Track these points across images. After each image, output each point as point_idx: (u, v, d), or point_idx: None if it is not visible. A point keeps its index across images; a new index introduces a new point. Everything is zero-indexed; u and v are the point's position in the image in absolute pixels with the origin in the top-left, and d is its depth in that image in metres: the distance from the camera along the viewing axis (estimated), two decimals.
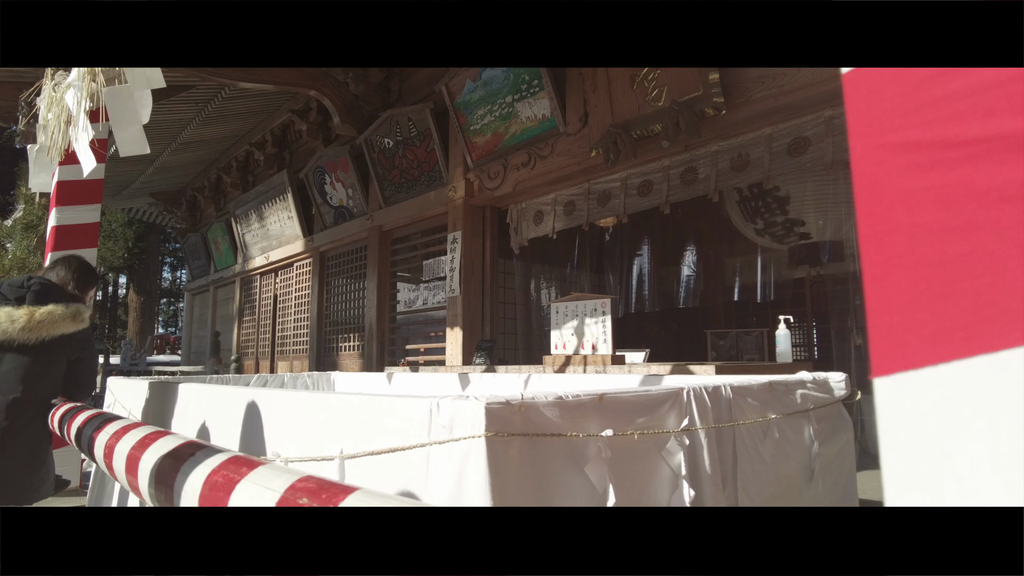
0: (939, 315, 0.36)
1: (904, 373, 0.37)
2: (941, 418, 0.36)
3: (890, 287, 0.38)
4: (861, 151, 0.39)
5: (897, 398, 0.37)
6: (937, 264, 0.35)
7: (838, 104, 3.17)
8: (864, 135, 0.39)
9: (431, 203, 5.24)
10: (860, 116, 0.40)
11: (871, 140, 0.39)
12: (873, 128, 0.39)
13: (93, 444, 1.50)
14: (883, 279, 0.38)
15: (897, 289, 0.37)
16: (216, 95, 6.14)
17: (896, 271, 0.37)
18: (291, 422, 1.58)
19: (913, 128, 0.37)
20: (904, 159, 0.37)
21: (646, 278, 6.20)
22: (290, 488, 0.69)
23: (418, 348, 5.58)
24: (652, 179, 4.08)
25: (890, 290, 0.37)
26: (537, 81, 4.21)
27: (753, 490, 1.62)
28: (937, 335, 0.36)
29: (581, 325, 3.26)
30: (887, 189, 0.38)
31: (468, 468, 1.06)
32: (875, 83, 0.39)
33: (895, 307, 0.37)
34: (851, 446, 2.04)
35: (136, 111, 2.39)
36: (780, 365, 3.18)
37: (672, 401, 1.40)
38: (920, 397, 0.36)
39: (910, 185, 0.37)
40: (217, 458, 0.90)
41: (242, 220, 8.19)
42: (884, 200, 0.38)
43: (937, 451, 0.36)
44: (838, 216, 4.64)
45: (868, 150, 0.39)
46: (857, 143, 0.40)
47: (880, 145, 0.38)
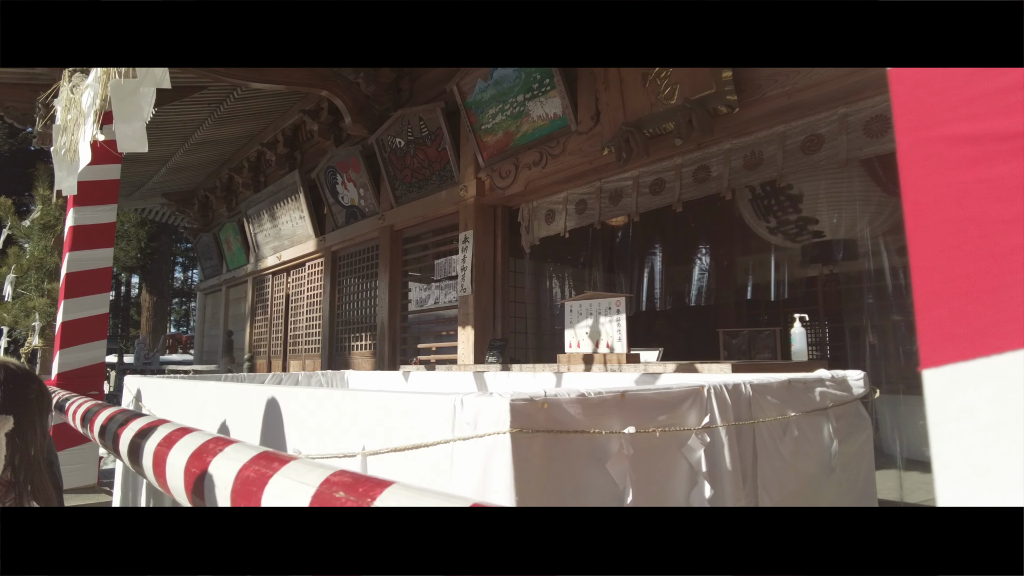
0: (991, 307, 0.36)
1: (955, 365, 0.37)
2: (993, 410, 0.36)
3: (940, 280, 0.38)
4: (909, 145, 0.39)
5: (948, 390, 0.38)
6: (989, 256, 0.36)
7: (852, 101, 3.15)
8: (912, 129, 0.39)
9: (442, 202, 5.25)
10: (908, 110, 0.40)
11: (919, 134, 0.39)
12: (922, 122, 0.39)
13: (118, 441, 1.52)
14: (932, 272, 0.38)
15: (947, 282, 0.37)
16: (228, 96, 6.18)
17: (946, 264, 0.37)
18: (311, 419, 1.60)
19: (963, 121, 0.37)
20: (954, 152, 0.37)
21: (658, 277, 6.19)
22: (325, 482, 0.70)
23: (430, 347, 5.60)
24: (664, 177, 4.07)
25: (940, 283, 0.38)
26: (548, 80, 4.21)
27: (773, 488, 1.61)
28: (989, 327, 0.36)
29: (595, 324, 3.26)
30: (936, 183, 0.38)
31: (492, 464, 1.07)
32: (923, 76, 0.39)
33: (945, 299, 0.38)
34: (870, 444, 2.03)
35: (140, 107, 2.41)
36: (795, 364, 3.17)
37: (693, 398, 1.40)
38: (971, 389, 0.36)
39: (960, 178, 0.37)
40: (246, 453, 0.91)
41: (254, 220, 8.23)
42: (933, 193, 0.38)
43: (989, 442, 0.36)
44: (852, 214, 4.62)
45: (916, 144, 0.39)
46: (905, 137, 0.40)
47: (929, 139, 0.38)
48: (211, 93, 6.03)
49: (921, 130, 0.39)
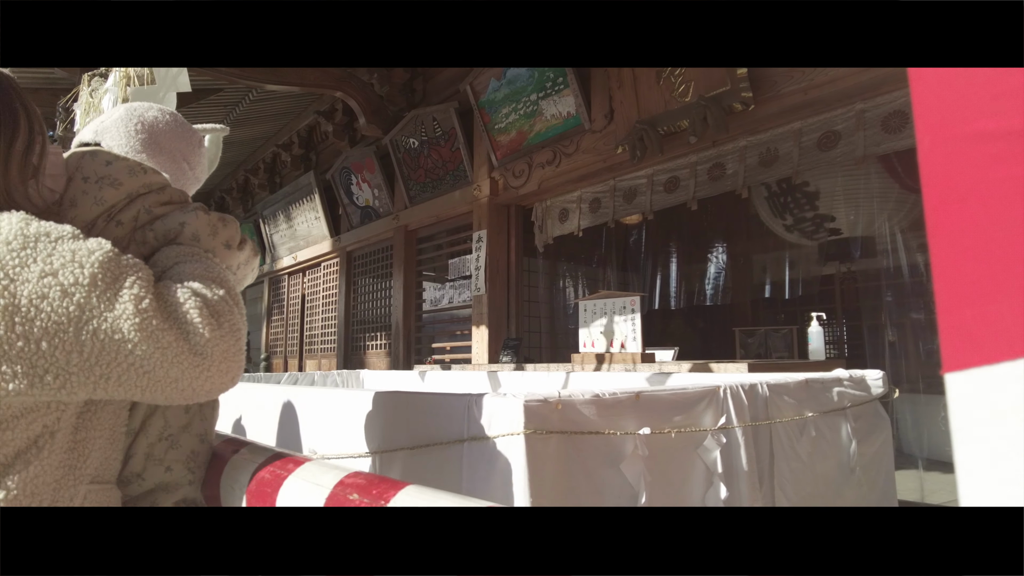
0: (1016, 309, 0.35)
1: (980, 368, 0.36)
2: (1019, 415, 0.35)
3: (964, 281, 0.37)
4: (930, 143, 0.39)
5: (972, 394, 0.37)
6: (1015, 258, 0.35)
7: (869, 97, 3.11)
8: (934, 126, 0.38)
9: (456, 202, 5.25)
10: (929, 107, 0.39)
11: (942, 132, 0.38)
12: (944, 119, 0.38)
13: None
14: (956, 274, 0.37)
15: (972, 283, 0.36)
16: (243, 98, 6.24)
17: (970, 265, 0.36)
18: (326, 419, 1.60)
19: (989, 118, 0.36)
20: (979, 151, 0.36)
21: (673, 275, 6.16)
22: (339, 484, 0.70)
23: (444, 347, 5.61)
24: (679, 175, 4.04)
25: (964, 285, 0.37)
26: (562, 79, 4.20)
27: (790, 489, 1.60)
28: (1014, 329, 0.35)
29: (610, 323, 3.25)
30: (960, 182, 0.37)
31: (506, 465, 1.06)
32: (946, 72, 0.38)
33: (969, 302, 0.37)
34: (889, 445, 2.01)
35: None
36: (813, 363, 3.13)
37: (709, 399, 1.39)
38: (996, 393, 0.35)
39: (985, 177, 0.36)
40: (262, 455, 0.92)
41: (270, 221, 8.30)
42: (956, 193, 0.37)
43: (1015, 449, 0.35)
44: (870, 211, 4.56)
45: (938, 142, 0.38)
46: (926, 135, 0.39)
47: (952, 136, 0.37)
48: (227, 96, 6.09)
49: (943, 128, 0.38)
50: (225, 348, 0.75)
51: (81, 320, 0.67)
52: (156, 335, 0.69)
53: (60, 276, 0.67)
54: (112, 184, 0.90)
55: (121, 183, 0.90)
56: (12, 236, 0.67)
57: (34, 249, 0.67)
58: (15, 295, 0.64)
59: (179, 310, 0.73)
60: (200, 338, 0.73)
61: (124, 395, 0.72)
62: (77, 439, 0.76)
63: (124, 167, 0.92)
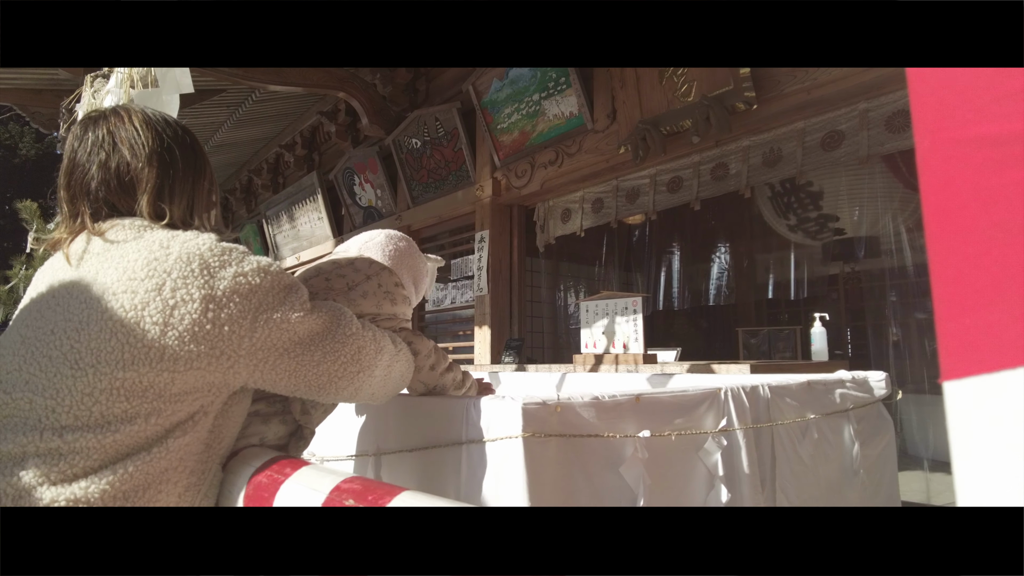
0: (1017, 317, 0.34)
1: (979, 377, 0.35)
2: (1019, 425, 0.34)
3: (963, 289, 0.36)
4: (929, 147, 0.38)
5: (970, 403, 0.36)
6: (1017, 264, 0.34)
7: (873, 96, 3.10)
8: (933, 130, 0.38)
9: (458, 202, 5.25)
10: (928, 109, 0.38)
11: (941, 135, 0.37)
12: (944, 122, 0.37)
13: None
14: (955, 280, 0.36)
15: (972, 291, 0.36)
16: (246, 98, 6.24)
17: (970, 272, 0.36)
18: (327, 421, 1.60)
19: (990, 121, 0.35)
20: (980, 155, 0.35)
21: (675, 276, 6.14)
22: (335, 489, 0.69)
23: (447, 347, 5.61)
24: (682, 175, 4.03)
25: (963, 292, 0.36)
26: (564, 78, 4.19)
27: (792, 491, 1.59)
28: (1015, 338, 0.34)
29: (612, 324, 3.24)
30: (960, 187, 0.36)
31: (505, 468, 1.06)
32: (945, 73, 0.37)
33: (969, 309, 0.36)
34: (892, 447, 1.99)
35: None
36: (816, 364, 3.12)
37: (710, 401, 1.38)
38: (998, 402, 0.35)
39: (987, 182, 0.35)
40: (260, 457, 0.91)
41: (273, 221, 8.31)
42: (956, 198, 0.36)
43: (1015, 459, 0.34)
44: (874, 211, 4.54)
45: (937, 145, 0.37)
46: (924, 139, 0.38)
47: (952, 140, 0.37)
48: (229, 96, 6.09)
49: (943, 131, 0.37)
50: (373, 362, 0.99)
51: (259, 311, 0.85)
52: (317, 326, 0.91)
53: (249, 277, 0.86)
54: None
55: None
56: (212, 245, 0.87)
57: (231, 256, 0.87)
58: (213, 288, 0.83)
59: (342, 318, 0.95)
60: (354, 343, 0.95)
61: (275, 383, 0.91)
62: (216, 424, 0.91)
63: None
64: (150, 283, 0.81)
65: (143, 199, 0.93)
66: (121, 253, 0.85)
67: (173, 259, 0.83)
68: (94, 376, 0.79)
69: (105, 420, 0.79)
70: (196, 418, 0.86)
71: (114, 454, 0.79)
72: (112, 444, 0.79)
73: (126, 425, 0.80)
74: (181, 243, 0.86)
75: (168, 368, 0.81)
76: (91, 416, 0.79)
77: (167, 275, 0.82)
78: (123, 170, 0.93)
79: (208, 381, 0.85)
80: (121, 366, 0.79)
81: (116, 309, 0.80)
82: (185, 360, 0.81)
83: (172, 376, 0.81)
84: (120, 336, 0.79)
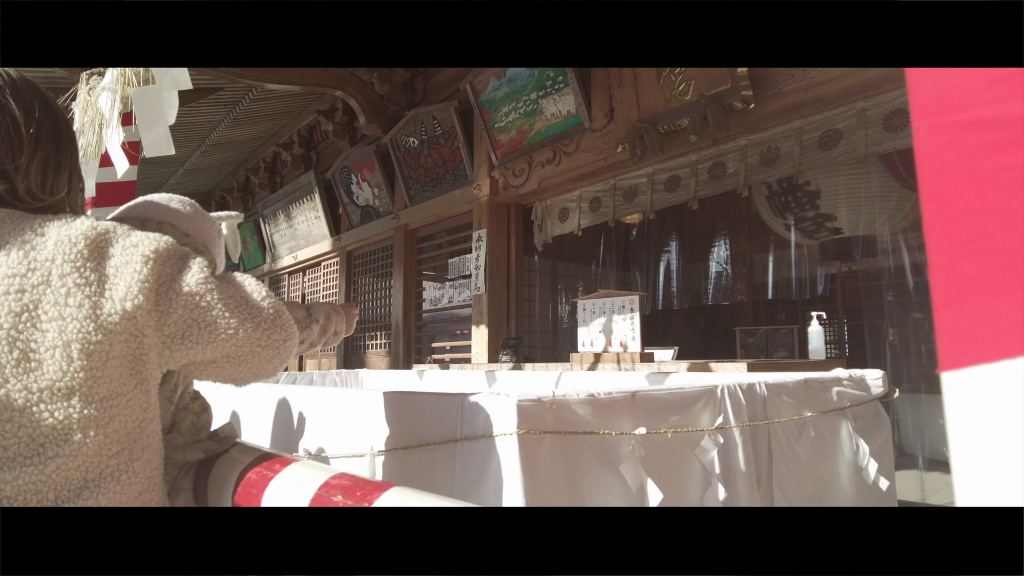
0: (1015, 305, 0.33)
1: (977, 367, 0.35)
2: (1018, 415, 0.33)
3: (960, 276, 0.35)
4: (926, 132, 0.37)
5: (969, 394, 0.35)
6: (1014, 251, 0.33)
7: (870, 95, 3.09)
8: (929, 114, 0.37)
9: (456, 201, 5.24)
10: (924, 93, 0.37)
11: (937, 119, 0.36)
12: (939, 106, 0.36)
13: None
14: (952, 268, 0.36)
15: (968, 278, 0.35)
16: (244, 97, 6.22)
17: (967, 259, 0.35)
18: (322, 419, 1.59)
19: (985, 106, 0.34)
20: (975, 139, 0.35)
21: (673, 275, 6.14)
22: (324, 485, 0.68)
23: (444, 346, 5.60)
24: (680, 174, 4.02)
25: (960, 279, 0.35)
26: (562, 77, 4.18)
27: (789, 489, 1.58)
28: (1013, 327, 0.33)
29: (609, 322, 3.23)
30: (956, 172, 0.35)
31: (500, 465, 1.05)
32: None
33: (966, 297, 0.35)
34: (889, 445, 1.99)
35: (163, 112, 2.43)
36: (813, 363, 3.12)
37: (706, 399, 1.37)
38: (996, 393, 0.34)
39: (982, 167, 0.34)
40: (250, 455, 0.90)
41: (270, 220, 8.29)
42: (952, 183, 0.36)
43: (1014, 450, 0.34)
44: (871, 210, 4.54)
45: (933, 130, 0.37)
46: (921, 123, 0.37)
47: (947, 124, 0.36)
48: (227, 95, 6.08)
49: (939, 115, 0.36)
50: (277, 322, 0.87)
51: (160, 279, 0.78)
52: (216, 291, 0.82)
53: (141, 247, 0.78)
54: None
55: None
56: (89, 227, 0.78)
57: (115, 233, 0.79)
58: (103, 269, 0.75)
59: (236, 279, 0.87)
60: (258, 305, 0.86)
61: (199, 354, 0.82)
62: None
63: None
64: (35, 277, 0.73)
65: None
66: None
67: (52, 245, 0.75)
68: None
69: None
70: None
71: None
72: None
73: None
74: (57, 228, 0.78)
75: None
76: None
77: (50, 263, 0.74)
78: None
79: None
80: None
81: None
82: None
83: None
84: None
